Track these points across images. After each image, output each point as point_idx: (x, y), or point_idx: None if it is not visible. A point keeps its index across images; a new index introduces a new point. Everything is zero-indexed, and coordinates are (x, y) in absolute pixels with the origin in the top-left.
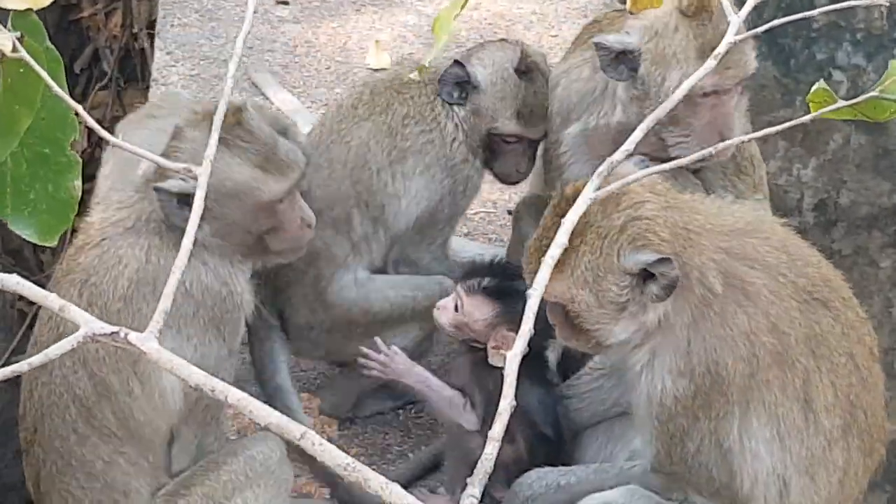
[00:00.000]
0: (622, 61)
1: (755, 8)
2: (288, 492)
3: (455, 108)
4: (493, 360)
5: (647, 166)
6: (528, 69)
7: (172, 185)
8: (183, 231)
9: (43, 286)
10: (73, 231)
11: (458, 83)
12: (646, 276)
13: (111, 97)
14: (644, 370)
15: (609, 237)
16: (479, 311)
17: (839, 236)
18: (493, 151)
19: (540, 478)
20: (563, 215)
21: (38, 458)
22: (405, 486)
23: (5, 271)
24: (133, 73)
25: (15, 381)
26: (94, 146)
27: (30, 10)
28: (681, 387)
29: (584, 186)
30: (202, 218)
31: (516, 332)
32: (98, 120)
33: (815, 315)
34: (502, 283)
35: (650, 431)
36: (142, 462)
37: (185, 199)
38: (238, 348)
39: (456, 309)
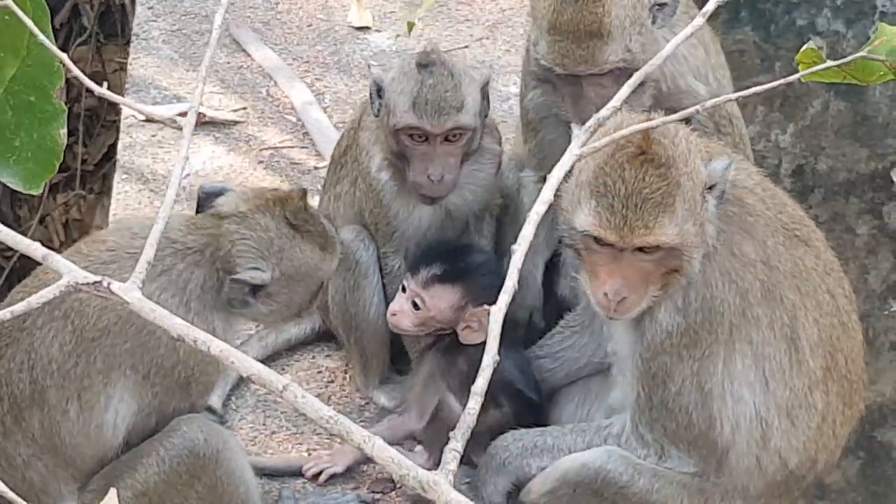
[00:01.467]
0: None
1: None
2: (230, 458)
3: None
4: (467, 339)
5: None
6: (428, 63)
7: (252, 276)
8: (225, 307)
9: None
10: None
11: (377, 91)
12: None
13: (91, 52)
14: (647, 311)
15: (685, 163)
16: (442, 300)
17: (816, 202)
18: (406, 159)
19: (516, 440)
20: None
21: None
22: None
23: None
24: (113, 29)
25: None
26: (73, 101)
27: None
28: (675, 323)
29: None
30: (263, 303)
31: (484, 305)
32: None
33: (798, 251)
34: (452, 264)
35: (632, 373)
36: (60, 471)
37: (258, 289)
38: (205, 403)
39: (416, 307)
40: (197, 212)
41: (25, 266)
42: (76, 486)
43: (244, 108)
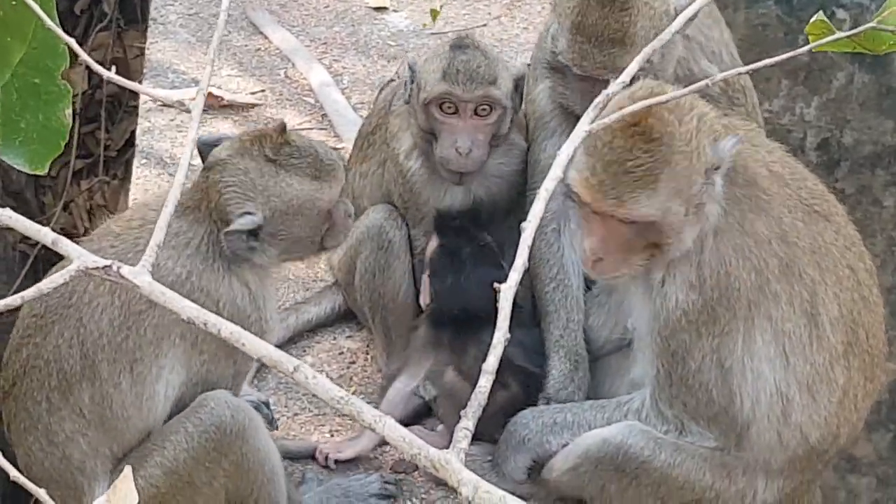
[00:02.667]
0: None
1: None
2: (256, 436)
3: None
4: (422, 296)
5: None
6: (462, 45)
7: (242, 223)
8: (243, 258)
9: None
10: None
11: (410, 78)
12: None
13: (112, 38)
14: (656, 287)
15: (686, 142)
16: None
17: (842, 175)
18: (434, 135)
19: (535, 417)
20: None
21: (10, 412)
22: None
23: None
24: (133, 15)
25: (13, 323)
26: (95, 88)
27: None
28: (691, 301)
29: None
30: (268, 244)
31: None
32: (99, 61)
33: (817, 227)
34: (461, 251)
35: (652, 350)
36: (103, 448)
37: (256, 232)
38: (248, 369)
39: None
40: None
41: (49, 255)
42: (111, 467)
43: (262, 91)
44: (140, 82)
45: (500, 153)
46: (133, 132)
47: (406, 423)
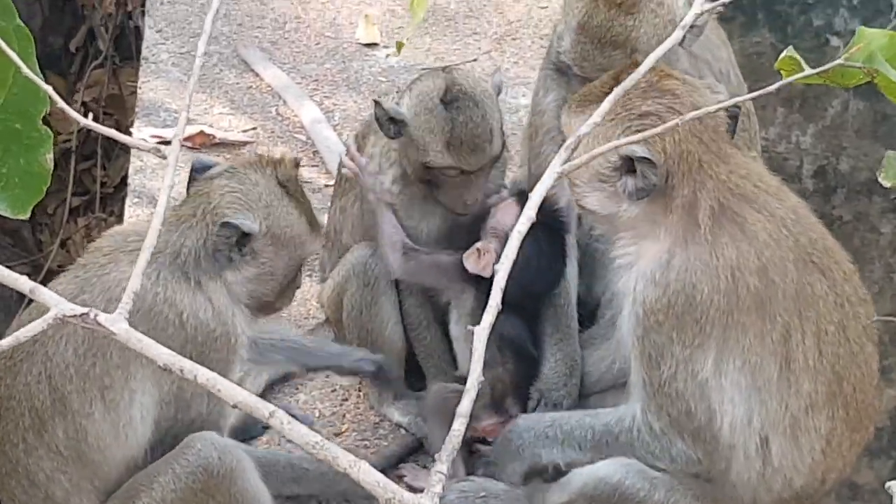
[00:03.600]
0: None
1: None
2: (244, 477)
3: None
4: (467, 258)
5: None
6: (454, 99)
7: (241, 221)
8: (216, 270)
9: (41, 266)
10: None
11: (389, 119)
12: (630, 167)
13: (107, 75)
14: (625, 270)
15: (625, 116)
16: (503, 214)
17: (839, 202)
18: (435, 184)
19: (529, 427)
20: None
21: None
22: (395, 465)
23: (3, 251)
24: (128, 52)
25: None
26: (86, 133)
27: None
28: (653, 295)
29: None
30: (246, 262)
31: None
32: (95, 98)
33: (809, 277)
34: (542, 229)
35: (633, 356)
36: (84, 484)
37: (244, 241)
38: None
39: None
40: (189, 184)
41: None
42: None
43: (254, 128)
44: (132, 121)
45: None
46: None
47: (398, 459)
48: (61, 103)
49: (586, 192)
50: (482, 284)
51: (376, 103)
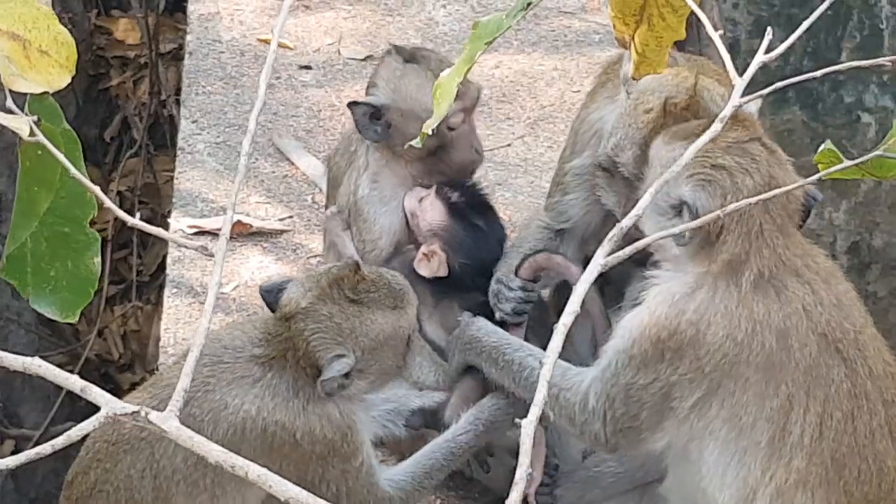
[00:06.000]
0: None
1: (782, 54)
2: None
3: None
4: (418, 265)
5: None
6: (412, 54)
7: (338, 369)
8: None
9: (78, 355)
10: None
11: (368, 118)
12: (681, 210)
13: (142, 164)
14: (650, 285)
15: (699, 162)
16: (431, 214)
17: (874, 278)
18: (442, 148)
19: (484, 333)
20: None
21: None
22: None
23: (41, 342)
24: (163, 140)
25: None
26: (127, 212)
27: (46, 93)
28: (664, 314)
29: None
30: (358, 378)
31: (447, 256)
32: (130, 188)
33: (830, 361)
34: (468, 209)
35: (614, 349)
36: None
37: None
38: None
39: (419, 201)
40: (271, 310)
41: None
42: None
43: (290, 217)
44: (168, 210)
45: None
46: (165, 256)
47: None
48: (109, 203)
49: (646, 218)
50: (437, 281)
51: (353, 104)
